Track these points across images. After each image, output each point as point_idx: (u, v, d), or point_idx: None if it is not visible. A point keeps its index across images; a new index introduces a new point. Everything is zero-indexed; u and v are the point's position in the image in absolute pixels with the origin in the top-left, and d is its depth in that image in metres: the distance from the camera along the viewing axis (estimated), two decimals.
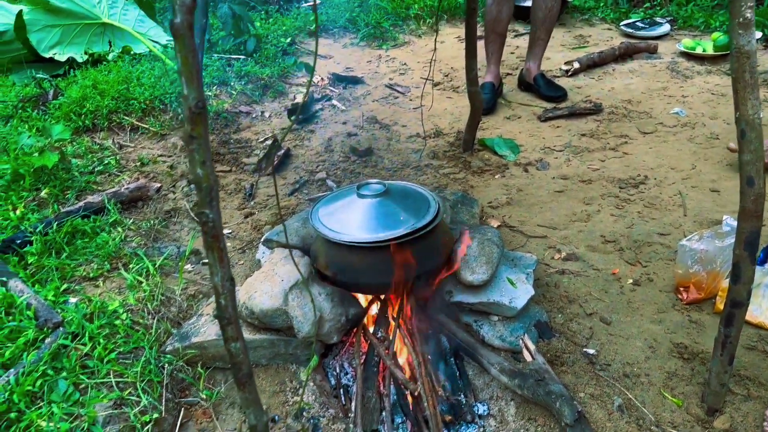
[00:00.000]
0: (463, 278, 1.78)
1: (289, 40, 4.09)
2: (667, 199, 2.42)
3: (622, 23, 4.18)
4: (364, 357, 1.77)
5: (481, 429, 1.57)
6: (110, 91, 3.09)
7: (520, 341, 1.70)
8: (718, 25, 4.04)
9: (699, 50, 3.58)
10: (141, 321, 1.74)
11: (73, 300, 1.86)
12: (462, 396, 1.65)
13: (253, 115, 3.19)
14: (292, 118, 3.17)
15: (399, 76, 3.78)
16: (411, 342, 1.76)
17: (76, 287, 1.93)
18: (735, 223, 1.83)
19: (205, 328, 1.72)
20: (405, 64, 3.97)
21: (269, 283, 1.71)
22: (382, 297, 1.87)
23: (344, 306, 1.75)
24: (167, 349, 1.68)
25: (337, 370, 1.80)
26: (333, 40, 4.44)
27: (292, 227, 2.07)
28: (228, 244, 2.27)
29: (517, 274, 1.88)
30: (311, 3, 4.98)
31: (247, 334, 1.70)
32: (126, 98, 3.04)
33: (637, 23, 4.12)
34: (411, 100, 3.47)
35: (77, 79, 3.32)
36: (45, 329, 1.68)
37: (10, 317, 1.70)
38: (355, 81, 3.69)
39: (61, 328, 1.68)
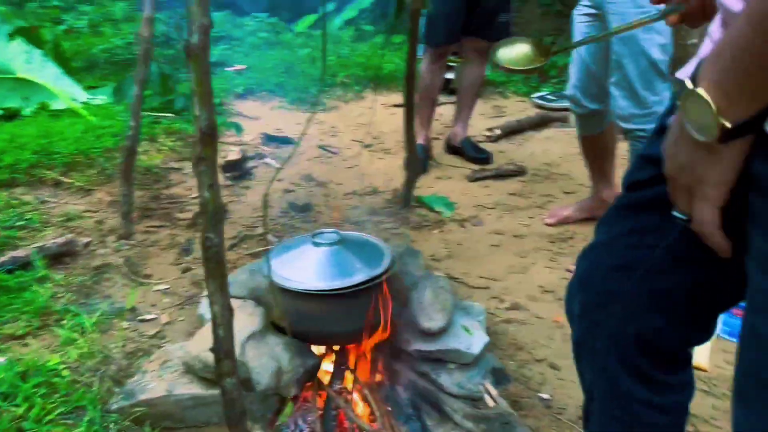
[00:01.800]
0: (421, 325, 1.79)
1: (218, 101, 4.08)
2: None
3: (533, 96, 4.48)
4: (320, 411, 1.72)
5: None
6: (30, 145, 2.94)
7: (481, 387, 1.71)
8: None
9: None
10: (81, 379, 1.62)
11: (1, 359, 1.70)
12: None
13: (184, 171, 3.12)
14: (227, 174, 3.13)
15: (330, 138, 3.84)
16: (370, 393, 1.73)
17: (1, 346, 1.77)
18: None
19: (153, 385, 1.61)
20: (334, 127, 4.04)
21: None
22: (338, 348, 1.84)
23: (302, 357, 1.71)
24: (112, 407, 1.55)
25: (292, 427, 1.73)
26: (261, 102, 4.47)
27: (238, 280, 2.02)
28: (165, 299, 2.17)
29: (470, 321, 1.91)
30: (237, 67, 5.01)
31: (198, 390, 1.61)
32: (48, 152, 2.90)
33: (547, 96, 4.44)
34: (344, 160, 3.52)
35: None
36: None
37: None
38: (286, 141, 3.71)
39: None
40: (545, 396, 1.79)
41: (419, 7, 2.47)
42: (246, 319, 1.70)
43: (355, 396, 1.75)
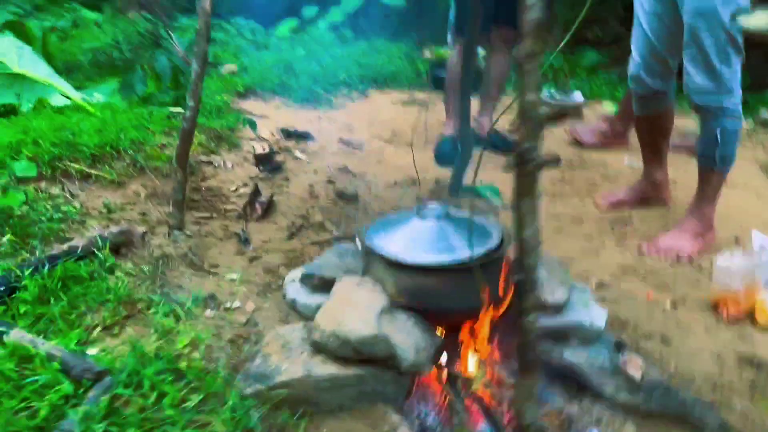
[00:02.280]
0: (541, 300, 1.71)
1: (224, 97, 3.92)
2: (656, 232, 2.54)
3: (543, 93, 4.51)
4: (445, 392, 1.61)
5: None
6: (48, 138, 2.71)
7: (622, 360, 1.64)
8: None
9: None
10: (206, 366, 1.46)
11: (92, 351, 1.52)
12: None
13: (216, 165, 2.95)
14: (261, 167, 2.98)
15: (348, 133, 3.73)
16: (496, 371, 1.64)
17: (88, 336, 1.58)
18: (764, 241, 1.95)
19: (286, 366, 1.46)
20: (348, 123, 3.94)
21: (353, 310, 1.52)
22: (454, 325, 1.73)
23: (431, 334, 1.60)
24: (247, 392, 1.40)
25: (417, 409, 1.61)
26: (263, 101, 4.32)
27: (330, 262, 1.90)
28: (242, 288, 2.02)
29: (580, 296, 1.84)
30: (228, 68, 4.84)
31: (336, 370, 1.47)
32: (71, 144, 2.68)
33: (553, 93, 4.47)
34: (371, 154, 3.42)
35: None
36: (83, 381, 1.34)
37: (29, 371, 1.35)
38: (305, 136, 3.58)
39: (108, 378, 1.35)
40: (672, 370, 1.74)
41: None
42: (369, 295, 1.58)
43: (479, 375, 1.66)
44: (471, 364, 1.70)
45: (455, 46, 3.35)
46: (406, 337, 1.50)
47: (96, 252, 1.94)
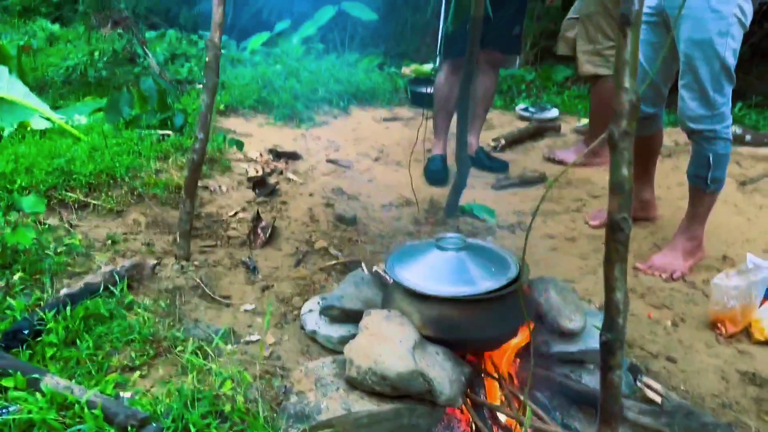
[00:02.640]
0: (562, 326, 1.78)
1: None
2: (648, 251, 2.65)
3: (518, 108, 4.61)
4: (474, 423, 1.66)
5: None
6: (40, 165, 2.66)
7: (638, 384, 1.72)
8: None
9: None
10: (246, 406, 1.47)
11: (125, 394, 1.52)
12: None
13: (211, 189, 2.94)
14: (257, 191, 2.98)
15: (334, 153, 3.76)
16: (522, 398, 1.70)
17: (118, 378, 1.58)
18: (757, 260, 2.07)
19: (325, 403, 1.49)
20: (334, 141, 3.96)
21: (387, 345, 1.55)
22: (482, 354, 1.78)
23: (459, 365, 1.65)
24: None
25: None
26: (245, 119, 4.30)
27: (347, 293, 1.93)
28: (258, 320, 2.03)
29: (591, 320, 1.91)
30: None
31: (372, 406, 1.51)
32: (66, 172, 2.64)
33: (530, 108, 4.59)
34: (360, 173, 3.45)
35: None
36: (128, 428, 1.35)
37: (70, 419, 1.34)
38: (294, 156, 3.60)
39: (153, 425, 1.35)
40: (681, 387, 1.83)
41: (480, 15, 2.49)
42: (400, 329, 1.62)
43: (503, 404, 1.71)
44: (495, 392, 1.75)
45: (444, 66, 3.42)
46: (440, 371, 1.55)
47: (110, 288, 1.92)
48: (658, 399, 1.64)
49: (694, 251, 2.51)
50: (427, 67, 5.07)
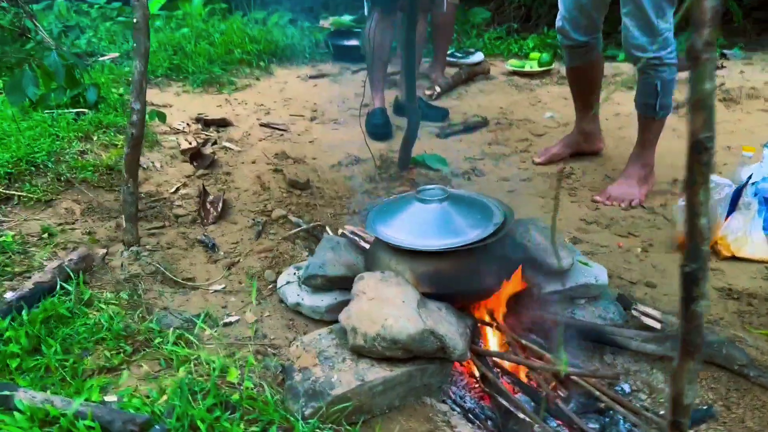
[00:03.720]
0: (551, 265, 1.76)
1: (121, 90, 3.60)
2: (602, 182, 2.69)
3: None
4: (481, 373, 1.62)
5: (640, 403, 1.55)
6: None
7: (634, 312, 1.72)
8: (518, 50, 4.64)
9: (527, 68, 4.08)
10: (252, 393, 1.35)
11: (110, 398, 1.37)
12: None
13: (144, 167, 2.71)
14: (194, 164, 2.78)
15: (266, 116, 3.57)
16: (524, 342, 1.67)
17: (99, 382, 1.42)
18: (718, 179, 2.13)
19: (336, 377, 1.40)
20: (262, 104, 3.76)
21: (390, 307, 1.47)
22: (477, 304, 1.74)
23: (463, 319, 1.59)
24: (306, 413, 1.32)
25: (452, 396, 1.60)
26: (159, 89, 4.00)
27: (327, 260, 1.83)
28: (232, 299, 1.89)
29: (577, 255, 1.91)
30: (110, 56, 4.43)
31: (387, 372, 1.43)
32: None
33: (456, 53, 4.53)
34: (299, 135, 3.30)
35: None
36: None
37: None
38: (224, 123, 3.38)
39: (157, 427, 1.22)
40: (667, 310, 1.86)
41: None
42: (399, 289, 1.54)
43: (511, 350, 1.68)
44: (495, 340, 1.72)
45: (373, 16, 3.27)
46: (448, 326, 1.49)
47: (62, 284, 1.72)
48: (657, 325, 1.65)
49: (648, 178, 2.56)
50: (347, 19, 4.88)
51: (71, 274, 1.78)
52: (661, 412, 1.48)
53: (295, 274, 1.91)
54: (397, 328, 1.41)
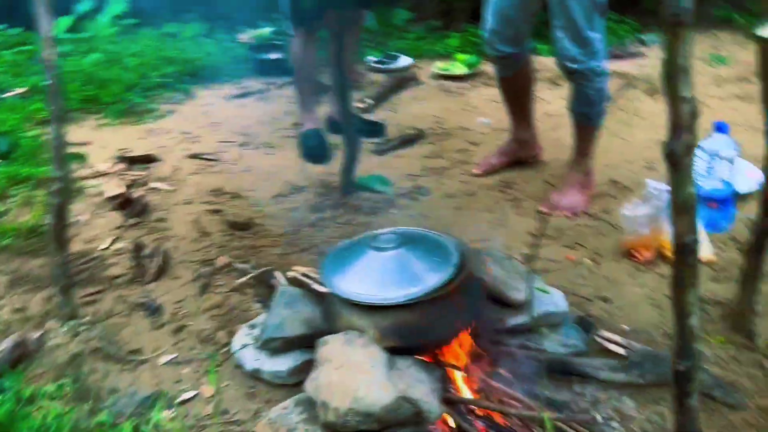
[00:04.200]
0: (511, 299, 1.74)
1: (29, 130, 3.37)
2: (543, 190, 2.70)
3: (370, 61, 4.46)
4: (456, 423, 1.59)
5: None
6: None
7: (597, 338, 1.73)
8: (442, 50, 4.61)
9: (455, 71, 4.06)
10: None
11: None
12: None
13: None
14: (124, 212, 2.62)
15: (194, 145, 3.41)
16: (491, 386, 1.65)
17: None
18: (657, 185, 2.17)
19: None
20: (188, 132, 3.59)
21: (359, 375, 1.42)
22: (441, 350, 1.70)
23: (432, 373, 1.56)
24: None
25: None
26: (76, 125, 3.76)
27: (285, 317, 1.76)
28: (185, 370, 1.79)
29: (534, 281, 1.90)
30: (18, 92, 4.13)
31: None
32: None
33: (383, 59, 4.46)
34: (232, 164, 3.17)
35: None
36: None
37: None
38: (150, 160, 3.21)
39: None
40: (626, 327, 1.88)
41: None
42: (365, 352, 1.48)
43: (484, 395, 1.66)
44: (463, 385, 1.68)
45: (297, 33, 3.15)
46: (420, 386, 1.44)
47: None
48: (621, 351, 1.66)
49: (588, 184, 2.59)
50: (267, 31, 4.73)
51: (5, 367, 1.64)
52: None
53: (250, 335, 1.82)
54: (370, 400, 1.36)
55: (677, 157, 0.67)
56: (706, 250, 2.17)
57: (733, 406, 1.52)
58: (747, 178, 2.48)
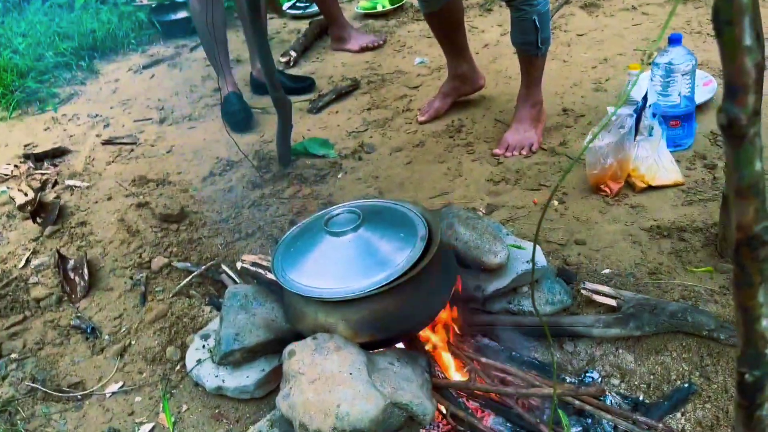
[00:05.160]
0: (489, 263, 1.59)
1: None
2: (494, 129, 2.53)
3: (286, 8, 4.13)
4: (445, 407, 1.45)
5: (612, 391, 1.45)
6: None
7: (585, 291, 1.60)
8: None
9: (379, 7, 3.79)
10: None
11: None
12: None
13: None
14: (39, 221, 2.32)
15: (106, 129, 3.08)
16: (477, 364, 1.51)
17: None
18: (620, 110, 2.03)
19: None
20: (97, 115, 3.24)
21: (340, 387, 1.24)
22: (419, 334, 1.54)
23: (416, 362, 1.40)
24: None
25: None
26: None
27: (242, 325, 1.55)
28: (137, 399, 1.58)
29: (506, 238, 1.75)
30: None
31: None
32: None
33: (297, 4, 4.13)
34: (153, 145, 2.86)
35: None
36: None
37: None
38: (60, 153, 2.88)
39: None
40: (606, 270, 1.76)
41: None
42: (341, 357, 1.30)
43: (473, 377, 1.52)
44: (450, 366, 1.54)
45: None
46: (408, 385, 1.28)
47: None
48: (612, 302, 1.54)
49: (540, 116, 2.43)
50: None
51: None
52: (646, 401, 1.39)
53: (204, 346, 1.61)
54: (356, 415, 1.18)
55: (740, 127, 0.49)
56: (674, 173, 2.06)
57: (737, 346, 1.42)
58: (701, 88, 2.37)
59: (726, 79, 0.47)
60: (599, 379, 1.49)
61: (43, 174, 2.70)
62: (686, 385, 1.38)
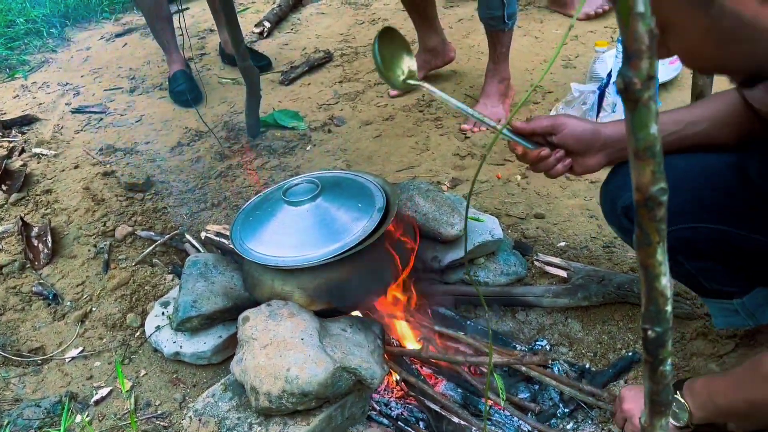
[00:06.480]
0: (446, 235, 1.61)
1: None
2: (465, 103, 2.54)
3: None
4: (399, 375, 1.49)
5: (561, 359, 1.49)
6: None
7: (538, 263, 1.64)
8: None
9: None
10: None
11: None
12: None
13: None
14: (2, 189, 2.30)
15: (76, 98, 3.05)
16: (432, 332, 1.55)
17: None
18: (580, 87, 2.06)
19: None
20: (67, 83, 3.20)
21: (291, 352, 1.27)
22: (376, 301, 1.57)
23: (369, 330, 1.43)
24: None
25: (376, 408, 1.47)
26: None
27: (200, 292, 1.57)
28: (96, 364, 1.60)
29: (462, 208, 1.77)
30: None
31: (303, 427, 1.24)
32: None
33: None
34: (122, 114, 2.84)
35: None
36: None
37: None
38: (29, 120, 2.84)
39: None
40: (562, 243, 1.80)
41: None
42: (293, 323, 1.32)
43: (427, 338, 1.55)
44: (405, 334, 1.57)
45: None
46: (359, 351, 1.31)
47: None
48: (563, 273, 1.58)
49: (507, 91, 2.45)
50: None
51: None
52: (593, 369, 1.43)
53: (164, 313, 1.63)
54: (305, 378, 1.21)
55: (634, 92, 0.51)
56: None
57: (680, 316, 1.47)
58: (666, 66, 2.40)
59: (623, 46, 0.49)
60: (548, 347, 1.54)
61: (10, 142, 2.68)
62: (630, 354, 1.43)
